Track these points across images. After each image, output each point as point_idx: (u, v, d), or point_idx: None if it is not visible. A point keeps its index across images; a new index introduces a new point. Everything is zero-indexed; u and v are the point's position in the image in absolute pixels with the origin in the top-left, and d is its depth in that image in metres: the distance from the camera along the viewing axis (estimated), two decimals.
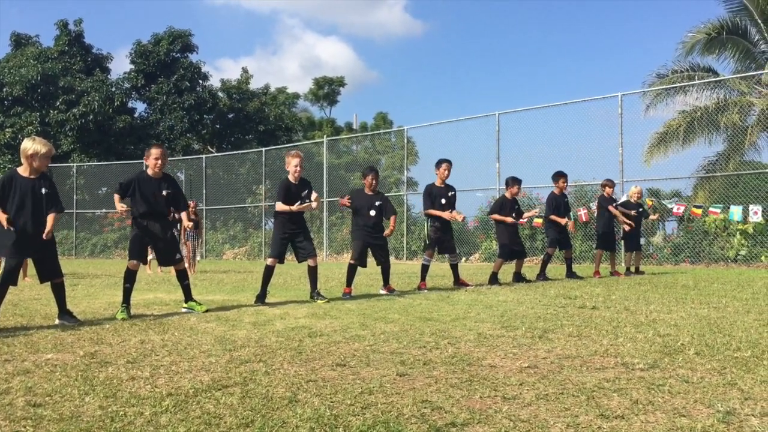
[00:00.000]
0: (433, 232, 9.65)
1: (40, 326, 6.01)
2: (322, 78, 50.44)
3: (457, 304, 7.38)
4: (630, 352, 4.36)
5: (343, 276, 10.14)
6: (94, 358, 4.40)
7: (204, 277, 12.89)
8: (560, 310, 6.67)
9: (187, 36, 34.97)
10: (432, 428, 2.77)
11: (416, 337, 5.05)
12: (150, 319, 6.41)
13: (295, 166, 7.93)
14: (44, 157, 6.05)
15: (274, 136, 35.63)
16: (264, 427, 2.79)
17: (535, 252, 18.57)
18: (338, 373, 3.85)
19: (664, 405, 3.08)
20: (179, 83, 33.96)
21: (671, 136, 19.77)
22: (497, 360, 4.16)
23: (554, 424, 2.81)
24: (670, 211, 16.65)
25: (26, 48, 34.87)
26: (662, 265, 16.01)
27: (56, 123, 31.66)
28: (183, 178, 28.69)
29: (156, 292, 9.47)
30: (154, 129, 34.21)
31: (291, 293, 9.12)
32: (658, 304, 7.15)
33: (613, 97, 17.10)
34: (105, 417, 2.98)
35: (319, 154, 25.86)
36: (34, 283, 10.01)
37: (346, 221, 24.62)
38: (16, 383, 3.66)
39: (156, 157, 6.95)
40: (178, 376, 3.80)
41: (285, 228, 7.92)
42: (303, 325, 5.80)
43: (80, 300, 8.40)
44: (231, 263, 22.61)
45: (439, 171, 9.78)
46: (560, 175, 11.68)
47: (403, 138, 24.18)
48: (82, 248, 29.69)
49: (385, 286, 9.01)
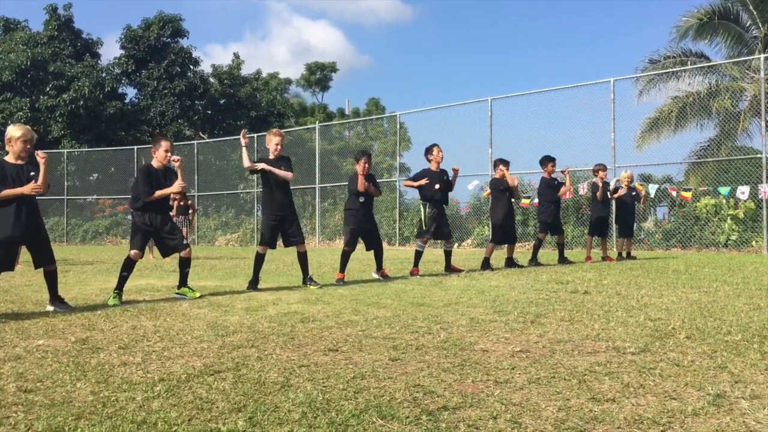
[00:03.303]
0: (430, 218, 9.64)
1: (31, 312, 5.99)
2: (313, 63, 50.29)
3: (449, 290, 7.39)
4: (621, 336, 4.38)
5: (335, 262, 10.14)
6: (86, 344, 4.39)
7: (196, 263, 12.86)
8: (552, 295, 6.69)
9: (177, 21, 34.70)
10: (424, 412, 2.77)
11: (409, 322, 5.06)
12: (142, 305, 6.40)
13: (276, 144, 7.93)
14: (19, 141, 5.96)
15: (266, 122, 35.46)
16: (256, 412, 2.79)
17: (527, 237, 18.61)
18: (330, 358, 3.85)
19: (655, 388, 3.10)
20: (170, 69, 33.72)
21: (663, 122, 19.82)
22: (489, 344, 4.17)
23: (546, 408, 2.82)
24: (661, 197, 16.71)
25: (15, 33, 34.53)
26: (653, 250, 16.08)
27: (46, 109, 31.41)
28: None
29: (148, 279, 9.45)
30: (145, 115, 34.00)
31: (283, 279, 9.11)
32: (649, 288, 7.18)
33: (605, 83, 17.09)
34: (97, 402, 2.97)
35: (311, 140, 25.79)
36: (25, 269, 9.97)
37: (338, 207, 24.59)
38: (7, 369, 3.64)
39: (166, 149, 7.00)
40: (170, 362, 3.80)
41: (274, 213, 7.88)
42: (295, 311, 5.80)
43: (72, 286, 8.37)
44: (223, 249, 22.59)
45: (433, 155, 9.74)
46: (548, 160, 11.67)
47: (395, 124, 24.12)
48: (74, 234, 29.58)
49: (379, 270, 9.01)
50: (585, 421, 2.64)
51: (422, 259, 9.91)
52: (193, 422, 2.68)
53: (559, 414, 2.74)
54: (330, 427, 2.61)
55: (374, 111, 43.74)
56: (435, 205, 9.66)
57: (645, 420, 2.65)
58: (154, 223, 6.92)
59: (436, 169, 9.75)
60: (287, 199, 7.98)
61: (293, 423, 2.65)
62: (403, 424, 2.64)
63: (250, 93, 36.29)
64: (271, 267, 11.03)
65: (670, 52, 21.70)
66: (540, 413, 2.75)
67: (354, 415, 2.74)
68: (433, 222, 9.65)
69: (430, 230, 9.67)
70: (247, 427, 2.61)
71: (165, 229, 6.99)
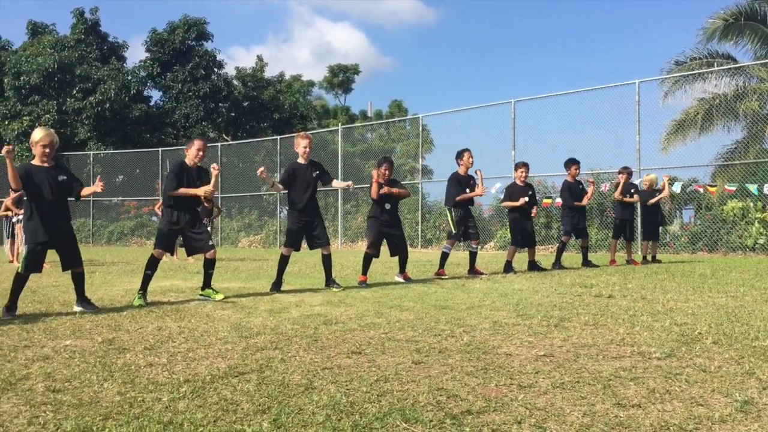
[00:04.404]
0: (459, 220, 9.66)
1: (58, 313, 6.08)
2: (336, 66, 50.43)
3: (472, 293, 7.37)
4: (647, 341, 4.33)
5: (358, 264, 10.16)
6: (112, 344, 4.44)
7: (220, 265, 12.95)
8: (576, 299, 6.64)
9: (202, 24, 35.00)
10: (448, 416, 2.77)
11: (431, 325, 5.05)
12: (167, 307, 6.47)
13: (304, 147, 7.98)
14: (38, 145, 6.05)
15: (289, 124, 35.65)
16: (281, 414, 2.80)
17: (550, 240, 18.50)
18: (354, 360, 3.86)
19: (681, 394, 3.07)
20: (194, 71, 34.03)
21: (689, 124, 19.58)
22: (513, 348, 4.16)
23: (570, 413, 2.80)
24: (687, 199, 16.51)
25: (43, 36, 35.05)
26: (679, 254, 15.89)
27: (73, 111, 31.84)
28: None
29: (172, 280, 9.53)
30: (170, 117, 34.34)
31: (306, 281, 9.15)
32: (675, 293, 7.10)
33: (630, 85, 16.93)
34: (123, 403, 3.01)
35: (333, 142, 25.86)
36: (52, 270, 10.11)
37: (361, 209, 24.64)
38: (36, 369, 3.70)
39: (199, 149, 7.08)
40: (195, 363, 3.83)
41: (300, 216, 7.93)
42: (318, 313, 5.82)
43: (98, 287, 8.48)
44: (246, 251, 22.72)
45: (463, 160, 9.79)
46: (572, 162, 11.62)
47: (418, 126, 24.12)
48: (99, 236, 29.95)
49: (402, 272, 9.00)
50: (610, 427, 2.62)
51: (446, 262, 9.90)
52: (219, 423, 2.70)
53: (584, 419, 2.72)
54: (354, 429, 2.62)
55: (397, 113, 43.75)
56: (461, 207, 9.69)
57: (671, 426, 2.62)
58: (181, 221, 6.98)
59: (464, 174, 9.79)
60: (313, 201, 8.02)
61: (317, 425, 2.66)
62: (427, 428, 2.63)
63: (274, 95, 36.48)
64: (293, 269, 11.08)
65: (697, 54, 21.46)
66: (564, 418, 2.73)
67: (378, 418, 2.74)
68: (461, 224, 9.68)
69: (460, 233, 9.70)
70: (272, 429, 2.62)
71: (193, 229, 7.05)
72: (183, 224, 6.98)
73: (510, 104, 19.11)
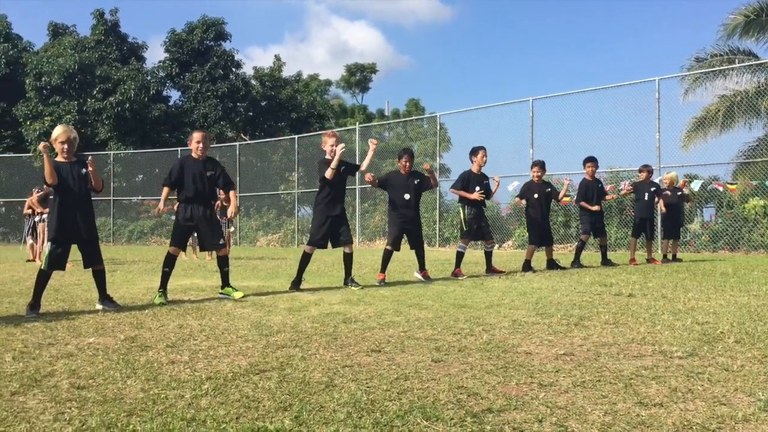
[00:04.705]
0: (470, 218, 9.66)
1: (81, 311, 6.15)
2: (353, 65, 50.47)
3: (491, 291, 7.36)
4: (668, 339, 4.31)
5: (376, 263, 10.18)
6: (135, 342, 4.49)
7: (239, 264, 13.04)
8: (596, 298, 6.61)
9: (220, 24, 35.20)
10: (468, 414, 2.77)
11: (450, 324, 5.06)
12: (187, 305, 6.52)
13: (332, 146, 8.00)
14: (59, 141, 6.16)
15: (307, 123, 35.77)
16: (302, 411, 2.82)
17: (569, 239, 18.41)
18: (373, 358, 3.88)
19: (704, 393, 3.05)
20: (213, 71, 34.25)
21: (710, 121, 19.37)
22: (533, 347, 4.15)
23: (592, 411, 2.79)
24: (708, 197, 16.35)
25: (64, 38, 35.44)
26: (700, 253, 15.75)
27: (93, 112, 32.16)
28: None
29: (192, 278, 9.61)
30: (189, 117, 34.57)
31: (325, 280, 9.18)
32: (696, 291, 7.04)
33: (650, 82, 16.80)
34: (147, 399, 3.04)
35: (351, 141, 25.89)
36: (74, 268, 10.22)
37: (379, 208, 24.66)
38: (60, 366, 3.75)
39: (197, 140, 7.07)
40: (217, 361, 3.86)
41: (326, 213, 7.93)
42: (337, 311, 5.84)
43: (119, 285, 8.56)
44: (264, 250, 22.83)
45: (477, 158, 9.76)
46: (588, 160, 11.57)
47: (435, 124, 24.08)
48: (120, 235, 30.23)
49: (421, 270, 9.00)
50: (632, 426, 2.61)
51: (463, 261, 9.89)
52: (241, 420, 2.72)
53: (605, 418, 2.71)
54: (375, 427, 2.63)
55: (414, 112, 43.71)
56: (473, 205, 9.67)
57: (694, 425, 2.61)
58: (195, 216, 7.01)
59: (477, 172, 9.75)
60: (341, 199, 8.05)
61: (339, 423, 2.68)
62: (448, 426, 2.64)
63: (291, 95, 36.62)
64: (312, 267, 11.11)
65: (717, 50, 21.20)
66: (586, 417, 2.73)
67: (399, 416, 2.75)
68: (473, 223, 9.66)
69: (471, 231, 9.69)
70: (294, 426, 2.64)
71: (206, 225, 7.09)
72: (197, 220, 7.02)
73: (528, 102, 19.03)
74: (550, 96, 19.16)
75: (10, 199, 31.77)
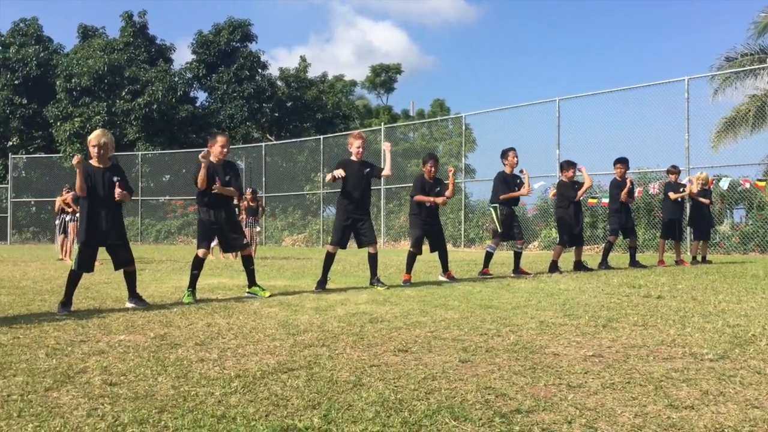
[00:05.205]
0: (504, 219, 9.63)
1: (111, 309, 6.24)
2: (378, 65, 50.58)
3: (517, 292, 7.33)
4: (698, 342, 4.26)
5: (401, 263, 10.18)
6: (164, 339, 4.54)
7: (265, 263, 13.12)
8: (624, 299, 6.55)
9: (246, 25, 35.49)
10: (497, 414, 2.77)
11: (477, 324, 5.04)
12: (215, 304, 6.58)
13: (358, 147, 8.03)
14: (90, 144, 6.27)
15: (332, 123, 35.91)
16: (330, 410, 2.84)
17: (596, 240, 18.25)
18: (401, 358, 3.88)
19: (736, 396, 3.01)
20: (239, 72, 34.53)
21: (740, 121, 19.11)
22: (560, 348, 4.12)
23: (621, 413, 2.77)
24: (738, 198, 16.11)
25: (93, 40, 35.98)
26: (730, 254, 15.52)
27: (122, 113, 32.60)
28: (243, 166, 29.22)
29: (220, 278, 9.69)
30: (215, 118, 34.90)
31: (351, 279, 9.20)
32: (726, 293, 6.95)
33: (679, 82, 16.60)
34: (177, 396, 3.08)
35: (376, 142, 25.94)
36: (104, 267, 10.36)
37: (404, 209, 24.66)
38: (92, 363, 3.81)
39: (222, 145, 7.14)
40: (245, 359, 3.90)
41: (348, 214, 7.97)
42: (364, 311, 5.86)
43: (148, 284, 8.67)
44: (290, 250, 22.95)
45: (508, 159, 9.75)
46: (619, 161, 11.48)
47: (460, 125, 24.03)
48: (147, 234, 30.59)
49: (445, 272, 8.99)
50: (663, 428, 2.59)
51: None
52: (270, 418, 2.75)
53: (635, 420, 2.69)
54: (403, 426, 2.63)
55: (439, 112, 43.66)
56: (506, 205, 9.66)
57: (726, 428, 2.58)
58: (218, 219, 7.09)
59: (510, 173, 9.76)
60: (363, 200, 8.06)
61: (367, 421, 2.69)
62: (476, 426, 2.64)
63: (317, 95, 36.78)
64: (337, 267, 11.15)
65: (748, 50, 20.91)
66: (616, 419, 2.71)
67: (427, 416, 2.75)
68: (506, 223, 9.64)
69: (505, 232, 9.67)
70: (323, 425, 2.66)
71: (228, 227, 7.19)
72: (221, 223, 7.10)
73: (555, 102, 18.92)
74: (577, 96, 19.03)
75: (41, 198, 32.33)
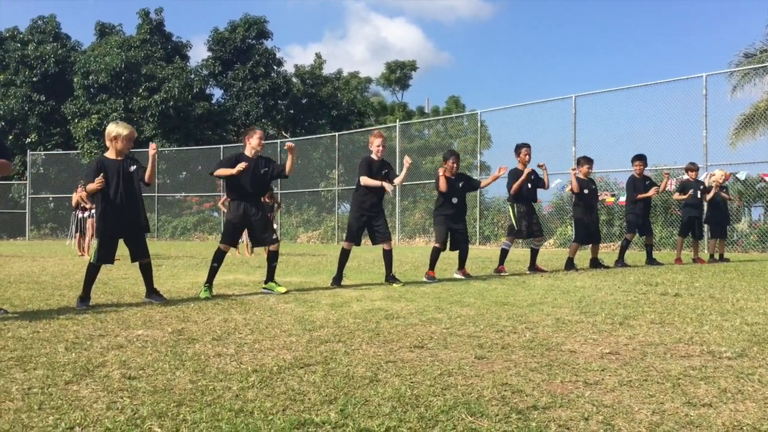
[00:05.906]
0: (520, 216, 9.60)
1: (129, 304, 6.29)
2: (393, 62, 50.54)
3: (533, 289, 7.31)
4: (716, 340, 4.23)
5: (416, 260, 10.19)
6: (182, 334, 4.58)
7: (280, 260, 13.13)
8: (641, 297, 6.51)
9: (262, 22, 35.59)
10: (513, 410, 2.77)
11: (493, 321, 5.04)
12: (232, 299, 6.62)
13: (378, 146, 8.05)
14: (125, 138, 6.31)
15: (347, 120, 35.95)
16: (347, 405, 2.85)
17: (612, 238, 18.15)
18: (416, 354, 3.89)
19: (755, 394, 2.99)
20: (255, 69, 34.64)
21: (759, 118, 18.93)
22: (577, 345, 4.11)
23: (639, 411, 2.76)
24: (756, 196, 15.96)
25: (110, 37, 36.22)
26: (748, 253, 15.38)
27: (139, 109, 32.81)
28: None
29: (236, 274, 9.74)
30: (231, 115, 35.05)
31: (366, 276, 9.22)
32: (745, 292, 6.89)
33: (697, 78, 16.44)
34: (195, 390, 3.10)
35: (391, 139, 25.93)
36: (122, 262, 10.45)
37: (419, 206, 24.66)
38: (111, 357, 3.85)
39: (260, 137, 7.37)
40: (262, 354, 3.92)
41: (362, 210, 7.99)
42: (379, 308, 5.87)
43: (165, 280, 8.73)
44: (305, 246, 23.02)
45: (520, 156, 9.71)
46: (637, 158, 11.39)
47: (475, 122, 23.97)
48: (164, 230, 30.78)
49: (461, 269, 8.99)
50: (681, 426, 2.58)
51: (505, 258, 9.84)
52: (287, 412, 2.76)
53: (653, 417, 2.68)
54: (420, 421, 2.64)
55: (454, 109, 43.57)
56: (523, 202, 9.62)
57: (744, 426, 2.56)
58: (248, 213, 7.14)
59: (523, 169, 9.72)
60: (378, 197, 8.07)
61: (384, 416, 2.70)
62: (493, 422, 2.64)
63: (332, 92, 36.83)
64: (353, 264, 11.17)
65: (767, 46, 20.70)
66: (633, 416, 2.70)
67: (443, 411, 2.76)
68: (523, 220, 9.59)
69: (522, 229, 9.62)
70: (339, 419, 2.67)
71: (257, 222, 7.22)
72: (251, 216, 7.14)
73: (571, 99, 18.81)
74: (593, 93, 18.90)
75: (58, 195, 32.63)
